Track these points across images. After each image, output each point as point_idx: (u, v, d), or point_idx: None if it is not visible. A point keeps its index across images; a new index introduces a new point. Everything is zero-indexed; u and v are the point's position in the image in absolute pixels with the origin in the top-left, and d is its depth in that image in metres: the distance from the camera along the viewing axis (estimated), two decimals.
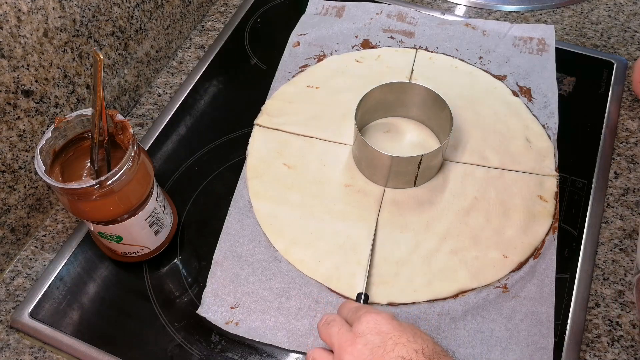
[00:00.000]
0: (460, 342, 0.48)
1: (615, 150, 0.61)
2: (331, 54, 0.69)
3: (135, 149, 0.44)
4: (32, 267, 0.55)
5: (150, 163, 0.48)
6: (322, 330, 0.44)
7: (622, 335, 0.49)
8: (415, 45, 0.70)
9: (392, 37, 0.70)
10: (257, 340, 0.49)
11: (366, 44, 0.70)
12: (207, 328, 0.50)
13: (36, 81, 0.51)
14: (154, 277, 0.53)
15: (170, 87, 0.68)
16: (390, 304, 0.50)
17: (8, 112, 0.49)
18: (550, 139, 0.61)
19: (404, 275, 0.52)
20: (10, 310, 0.52)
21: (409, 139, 0.61)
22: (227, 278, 0.52)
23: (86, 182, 0.42)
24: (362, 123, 0.61)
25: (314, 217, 0.56)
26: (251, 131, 0.63)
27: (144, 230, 0.49)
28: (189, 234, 0.56)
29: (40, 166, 0.42)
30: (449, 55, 0.68)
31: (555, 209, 0.56)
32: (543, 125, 0.62)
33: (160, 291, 0.52)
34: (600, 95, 0.65)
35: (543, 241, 0.54)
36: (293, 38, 0.71)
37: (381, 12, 0.73)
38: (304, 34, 0.71)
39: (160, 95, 0.68)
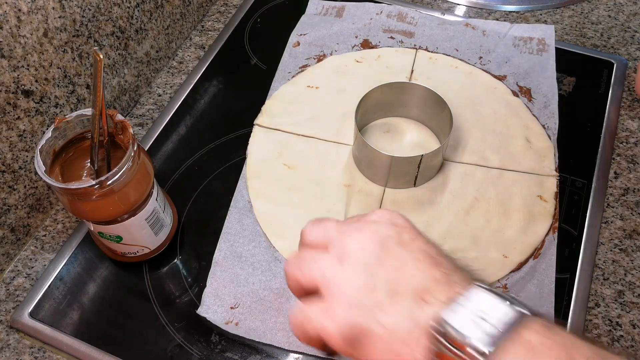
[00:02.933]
0: None
1: (615, 150, 0.61)
2: (331, 54, 0.69)
3: (135, 149, 0.44)
4: (32, 267, 0.55)
5: (150, 163, 0.48)
6: (313, 225, 0.36)
7: (622, 335, 0.49)
8: (415, 45, 0.70)
9: (392, 37, 0.70)
10: (257, 340, 0.49)
11: (366, 44, 0.70)
12: (207, 328, 0.50)
13: (36, 81, 0.51)
14: (154, 277, 0.53)
15: (170, 87, 0.68)
16: None
17: (8, 112, 0.49)
18: (550, 139, 0.61)
19: None
20: (10, 310, 0.52)
21: (409, 139, 0.61)
22: (227, 278, 0.52)
23: (86, 182, 0.42)
24: (362, 123, 0.61)
25: (314, 217, 0.55)
26: (251, 131, 0.63)
27: (144, 230, 0.49)
28: (189, 234, 0.56)
29: (40, 166, 0.42)
30: (449, 55, 0.68)
31: (555, 209, 0.56)
32: (543, 126, 0.62)
33: (160, 291, 0.52)
34: (600, 95, 0.65)
35: (543, 241, 0.54)
36: (293, 38, 0.71)
37: (381, 12, 0.73)
38: (304, 34, 0.71)
39: (160, 95, 0.68)
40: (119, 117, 0.46)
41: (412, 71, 0.67)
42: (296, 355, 0.48)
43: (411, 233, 0.34)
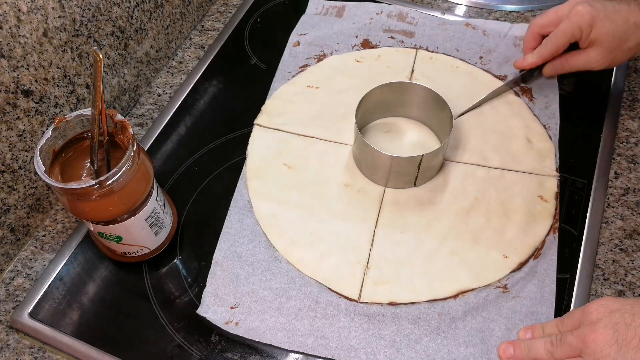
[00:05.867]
0: (461, 341, 0.48)
1: (616, 150, 0.61)
2: (331, 54, 0.69)
3: (135, 148, 0.44)
4: (32, 267, 0.54)
5: (150, 163, 0.48)
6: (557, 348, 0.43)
7: None
8: (415, 45, 0.70)
9: (392, 37, 0.70)
10: (257, 340, 0.49)
11: (366, 44, 0.70)
12: (207, 328, 0.50)
13: (36, 81, 0.51)
14: (154, 277, 0.53)
15: (170, 87, 0.68)
16: (391, 304, 0.50)
17: (8, 112, 0.49)
18: (551, 139, 0.61)
19: (405, 275, 0.52)
20: (10, 310, 0.52)
21: (409, 139, 0.61)
22: (227, 278, 0.52)
23: (86, 182, 0.42)
24: (362, 123, 0.61)
25: (314, 217, 0.56)
26: (251, 131, 0.63)
27: (143, 230, 0.49)
28: (189, 234, 0.56)
29: (39, 166, 0.42)
30: (450, 55, 0.68)
31: (555, 209, 0.56)
32: (544, 126, 0.62)
33: (160, 291, 0.52)
34: (600, 95, 0.65)
35: (543, 241, 0.54)
36: (293, 38, 0.71)
37: (381, 12, 0.73)
38: (304, 34, 0.71)
39: (160, 95, 0.68)
40: (119, 117, 0.46)
41: (412, 71, 0.67)
42: (296, 355, 0.48)
43: (629, 310, 0.40)
